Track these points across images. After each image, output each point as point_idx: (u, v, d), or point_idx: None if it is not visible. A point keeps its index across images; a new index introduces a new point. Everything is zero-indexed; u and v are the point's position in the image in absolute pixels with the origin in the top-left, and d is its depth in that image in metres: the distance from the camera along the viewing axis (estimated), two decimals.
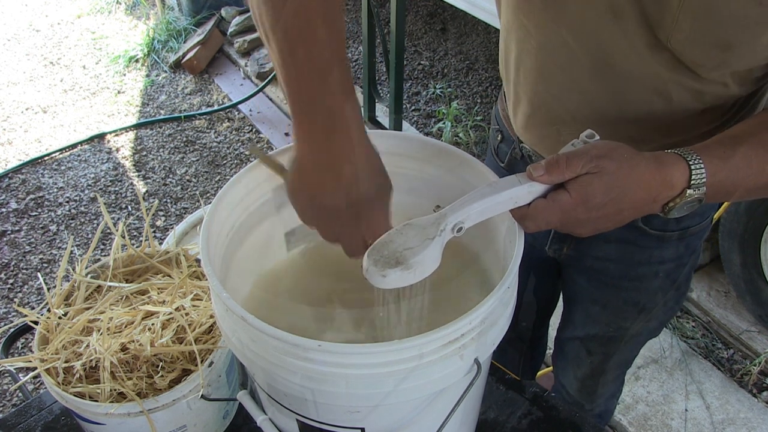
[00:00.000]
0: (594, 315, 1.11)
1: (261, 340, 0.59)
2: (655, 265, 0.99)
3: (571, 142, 0.65)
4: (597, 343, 1.16)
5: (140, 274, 0.95)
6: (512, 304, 0.63)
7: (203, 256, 0.64)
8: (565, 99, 0.82)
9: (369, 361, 0.55)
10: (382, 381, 0.56)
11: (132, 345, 0.80)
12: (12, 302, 2.37)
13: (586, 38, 0.73)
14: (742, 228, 2.00)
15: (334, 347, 0.54)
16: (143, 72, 3.85)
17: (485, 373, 0.66)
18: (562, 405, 0.99)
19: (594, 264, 1.03)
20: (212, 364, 0.82)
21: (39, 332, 0.84)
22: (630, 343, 1.16)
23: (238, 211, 0.75)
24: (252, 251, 0.79)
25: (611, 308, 1.07)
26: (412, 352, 0.55)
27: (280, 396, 0.66)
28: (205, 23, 4.00)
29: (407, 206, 0.78)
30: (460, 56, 3.77)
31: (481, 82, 3.53)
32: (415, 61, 3.76)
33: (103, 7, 4.59)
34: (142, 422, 0.79)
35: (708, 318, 2.20)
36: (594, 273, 1.05)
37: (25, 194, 2.89)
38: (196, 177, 3.00)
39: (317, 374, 0.57)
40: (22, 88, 3.71)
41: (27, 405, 0.99)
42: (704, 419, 1.90)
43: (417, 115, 3.32)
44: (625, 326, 1.09)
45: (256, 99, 3.50)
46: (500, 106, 1.04)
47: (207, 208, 0.71)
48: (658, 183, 0.62)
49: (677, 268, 1.01)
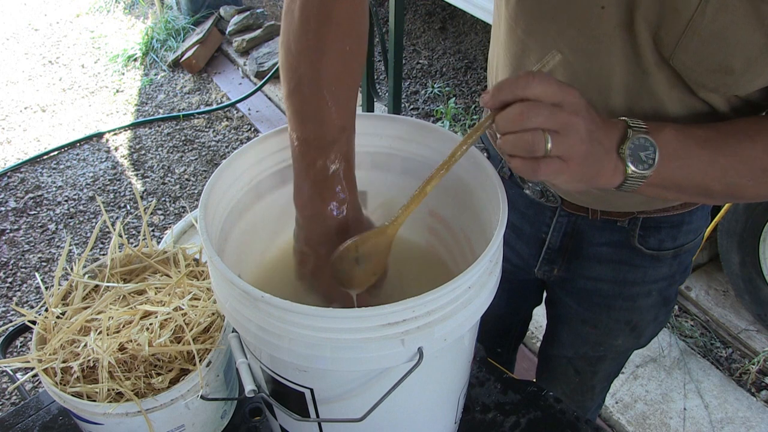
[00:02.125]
0: (583, 335, 1.08)
1: (227, 287, 0.64)
2: (649, 284, 0.97)
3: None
4: (586, 362, 1.14)
5: (138, 273, 0.95)
6: (474, 307, 0.63)
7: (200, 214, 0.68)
8: None
9: (306, 321, 0.58)
10: (320, 345, 0.59)
11: (130, 345, 0.80)
12: (10, 301, 2.37)
13: (589, 56, 0.71)
14: (741, 227, 2.00)
15: (276, 301, 0.57)
16: (142, 71, 3.85)
17: (459, 356, 0.66)
18: (560, 404, 0.99)
19: (586, 284, 1.00)
20: (210, 364, 0.82)
21: (37, 332, 0.84)
22: (618, 359, 1.15)
23: (241, 182, 0.79)
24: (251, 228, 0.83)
25: (602, 328, 1.05)
26: (348, 323, 0.58)
27: (246, 342, 0.71)
28: (204, 22, 4.00)
29: (402, 187, 0.83)
30: (459, 55, 3.77)
31: (480, 81, 3.52)
32: (414, 60, 3.76)
33: (102, 6, 4.59)
34: (140, 422, 0.79)
35: (707, 317, 2.20)
36: (585, 294, 1.02)
37: (23, 193, 2.89)
38: (195, 176, 3.00)
39: (266, 324, 0.60)
40: (21, 87, 3.71)
41: (25, 405, 0.98)
42: (703, 418, 1.90)
43: (415, 114, 3.32)
44: (616, 344, 1.07)
45: (254, 98, 3.50)
46: None
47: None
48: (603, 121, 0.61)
49: (670, 286, 0.99)
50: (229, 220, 0.77)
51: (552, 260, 1.00)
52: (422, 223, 0.89)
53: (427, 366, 0.61)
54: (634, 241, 0.91)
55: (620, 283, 0.97)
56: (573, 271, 1.00)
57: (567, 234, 0.95)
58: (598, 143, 0.59)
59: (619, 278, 0.96)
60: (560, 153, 0.56)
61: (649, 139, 0.61)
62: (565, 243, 0.96)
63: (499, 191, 0.69)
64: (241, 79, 3.71)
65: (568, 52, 0.72)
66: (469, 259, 0.82)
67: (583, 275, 0.99)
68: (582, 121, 0.57)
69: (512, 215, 0.97)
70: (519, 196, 0.97)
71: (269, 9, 4.36)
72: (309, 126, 0.68)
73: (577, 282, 1.01)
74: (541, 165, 0.57)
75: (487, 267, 0.64)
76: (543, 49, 0.74)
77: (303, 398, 0.68)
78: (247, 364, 0.71)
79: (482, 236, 0.76)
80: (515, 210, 0.99)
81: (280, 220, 0.86)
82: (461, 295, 0.61)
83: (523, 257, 1.03)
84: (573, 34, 0.70)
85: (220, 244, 0.73)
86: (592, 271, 0.97)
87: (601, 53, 0.69)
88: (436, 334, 0.60)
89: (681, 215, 0.89)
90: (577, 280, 1.00)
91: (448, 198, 0.83)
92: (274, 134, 0.79)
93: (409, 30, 4.00)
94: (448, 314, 0.61)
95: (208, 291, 0.89)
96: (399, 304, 0.57)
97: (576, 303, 1.04)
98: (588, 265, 0.97)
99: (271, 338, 0.61)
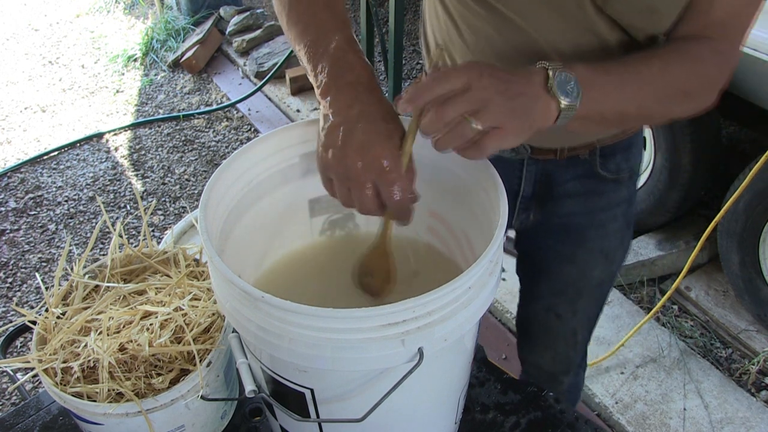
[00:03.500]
0: (563, 275, 1.15)
1: (227, 287, 0.64)
2: (614, 208, 1.07)
3: None
4: (565, 302, 1.19)
5: (138, 273, 0.95)
6: (475, 307, 0.63)
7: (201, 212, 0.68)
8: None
9: (306, 322, 0.58)
10: (321, 345, 0.59)
11: (130, 345, 0.80)
12: (11, 301, 2.37)
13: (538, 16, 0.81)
14: (741, 227, 2.00)
15: (276, 301, 0.57)
16: (142, 71, 3.85)
17: (459, 356, 0.66)
18: (560, 404, 0.99)
19: (560, 221, 1.08)
20: (210, 364, 0.82)
21: (37, 332, 0.84)
22: (594, 294, 1.21)
23: (242, 180, 0.79)
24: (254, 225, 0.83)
25: (579, 261, 1.13)
26: (348, 324, 0.58)
27: (246, 342, 0.70)
28: (204, 22, 4.00)
29: None
30: None
31: None
32: (414, 61, 3.76)
33: (102, 7, 4.59)
34: (140, 422, 0.79)
35: (706, 317, 2.20)
36: (561, 230, 1.10)
37: (24, 193, 2.89)
38: (195, 176, 3.00)
39: (266, 324, 0.60)
40: (21, 87, 3.71)
41: (25, 405, 0.99)
42: (703, 418, 1.90)
43: None
44: (593, 275, 1.15)
45: (254, 98, 3.50)
46: None
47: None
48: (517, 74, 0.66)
49: (629, 208, 1.10)
50: (230, 220, 0.77)
51: (527, 207, 1.08)
52: (422, 223, 0.89)
53: (428, 366, 0.61)
54: (597, 168, 1.01)
55: (590, 213, 1.07)
56: (547, 212, 1.08)
57: (538, 180, 1.04)
58: (520, 95, 0.64)
59: (589, 208, 1.06)
60: (490, 124, 0.61)
61: (568, 74, 0.66)
62: (537, 189, 1.05)
63: (499, 191, 0.69)
64: (241, 79, 3.71)
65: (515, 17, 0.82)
66: (469, 259, 0.82)
67: (556, 214, 1.07)
68: (492, 87, 0.62)
69: None
70: None
71: (269, 9, 4.36)
72: (311, 29, 0.73)
73: (552, 221, 1.09)
74: (482, 144, 0.62)
75: (487, 267, 0.64)
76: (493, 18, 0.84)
77: (303, 398, 0.68)
78: (248, 364, 0.71)
79: (482, 236, 0.76)
80: None
81: (280, 220, 0.86)
82: (461, 295, 0.61)
83: None
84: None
85: (220, 244, 0.73)
86: (564, 207, 1.06)
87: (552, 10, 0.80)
88: (436, 334, 0.60)
89: (629, 138, 1.01)
90: (552, 219, 1.08)
91: (448, 198, 0.83)
92: (275, 134, 0.79)
93: (409, 30, 4.00)
94: (448, 314, 0.61)
95: (209, 291, 0.90)
96: (399, 305, 0.57)
97: (553, 242, 1.12)
98: (560, 203, 1.06)
99: (272, 338, 0.61)
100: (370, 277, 0.79)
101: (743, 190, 1.88)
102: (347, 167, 0.65)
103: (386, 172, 0.64)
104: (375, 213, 0.68)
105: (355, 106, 0.67)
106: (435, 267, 0.88)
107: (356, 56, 0.70)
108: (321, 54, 0.71)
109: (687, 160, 2.13)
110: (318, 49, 0.71)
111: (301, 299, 0.58)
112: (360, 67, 0.70)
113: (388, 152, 0.65)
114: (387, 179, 0.65)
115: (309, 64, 0.72)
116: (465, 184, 0.79)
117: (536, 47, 0.83)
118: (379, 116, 0.67)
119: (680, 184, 2.18)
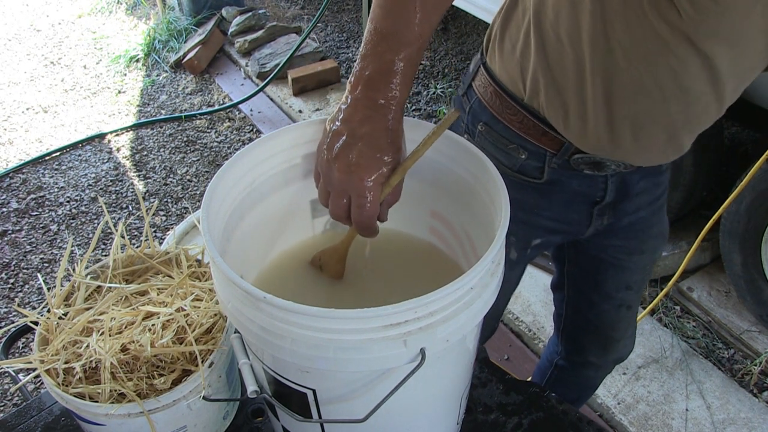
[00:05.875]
0: (633, 266, 1.17)
1: (229, 287, 0.64)
2: (665, 193, 1.12)
3: None
4: (635, 292, 1.22)
5: (140, 274, 0.95)
6: (477, 308, 0.63)
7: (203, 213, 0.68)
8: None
9: (309, 322, 0.58)
10: (323, 346, 0.59)
11: (132, 346, 0.80)
12: (12, 302, 2.37)
13: None
14: (743, 228, 1.99)
15: (278, 302, 0.57)
16: (144, 72, 3.85)
17: (461, 357, 0.66)
18: (562, 405, 0.99)
19: (630, 219, 1.10)
20: (212, 365, 0.82)
21: (39, 333, 0.84)
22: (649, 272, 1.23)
23: (243, 183, 0.79)
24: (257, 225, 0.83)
25: (648, 249, 1.16)
26: (351, 324, 0.58)
27: (248, 343, 0.71)
28: (206, 23, 4.01)
29: (407, 187, 0.80)
30: (461, 56, 3.77)
31: None
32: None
33: (104, 7, 4.60)
34: (142, 423, 0.79)
35: (709, 318, 2.20)
36: (631, 227, 1.11)
37: (25, 194, 2.89)
38: (197, 177, 3.00)
39: (268, 325, 0.61)
40: (23, 87, 3.72)
41: (27, 406, 0.99)
42: (705, 419, 1.90)
43: (418, 115, 3.32)
44: (656, 257, 1.19)
45: (256, 99, 3.50)
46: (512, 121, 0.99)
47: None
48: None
49: (665, 191, 1.13)
50: (232, 220, 0.77)
51: (602, 213, 1.07)
52: (424, 224, 0.89)
53: (430, 367, 0.61)
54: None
55: (652, 204, 1.09)
56: (619, 212, 1.08)
57: (618, 189, 1.03)
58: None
59: (651, 199, 1.09)
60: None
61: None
62: (616, 194, 1.05)
63: (501, 191, 0.69)
64: (243, 80, 3.72)
65: None
66: (471, 260, 0.82)
67: (626, 212, 1.08)
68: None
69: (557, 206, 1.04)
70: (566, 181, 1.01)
71: (271, 10, 4.37)
72: (390, 21, 0.68)
73: (622, 220, 1.09)
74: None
75: (489, 268, 0.64)
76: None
77: (305, 399, 0.68)
78: (250, 364, 0.71)
79: (485, 236, 0.75)
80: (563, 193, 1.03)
81: (282, 221, 0.86)
82: (464, 295, 0.61)
83: (572, 222, 1.09)
84: None
85: (222, 244, 0.73)
86: (634, 204, 1.07)
87: None
88: (438, 334, 0.60)
89: None
90: (623, 219, 1.09)
91: (450, 198, 0.83)
92: (277, 135, 0.79)
93: None
94: (450, 315, 0.61)
95: (211, 292, 0.90)
96: (401, 305, 0.57)
97: (622, 239, 1.13)
98: (632, 202, 1.07)
99: (274, 339, 0.61)
100: (319, 270, 0.85)
101: (745, 191, 1.88)
102: (332, 175, 0.69)
103: (362, 196, 0.68)
104: (343, 222, 0.72)
105: (366, 126, 0.67)
106: (437, 267, 0.88)
107: (403, 79, 0.68)
108: (377, 53, 0.67)
109: (689, 161, 2.13)
110: (377, 46, 0.67)
111: (304, 300, 0.58)
112: (397, 92, 0.68)
113: (372, 182, 0.68)
114: (360, 202, 0.68)
115: (363, 47, 0.69)
116: (467, 185, 0.79)
117: None
118: (382, 145, 0.68)
119: (682, 184, 2.18)
